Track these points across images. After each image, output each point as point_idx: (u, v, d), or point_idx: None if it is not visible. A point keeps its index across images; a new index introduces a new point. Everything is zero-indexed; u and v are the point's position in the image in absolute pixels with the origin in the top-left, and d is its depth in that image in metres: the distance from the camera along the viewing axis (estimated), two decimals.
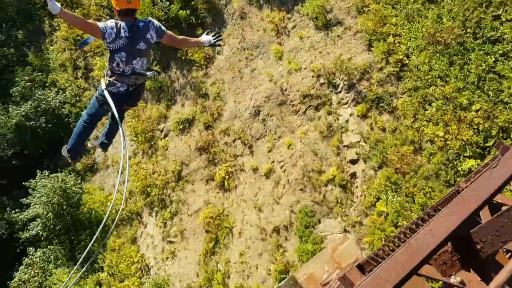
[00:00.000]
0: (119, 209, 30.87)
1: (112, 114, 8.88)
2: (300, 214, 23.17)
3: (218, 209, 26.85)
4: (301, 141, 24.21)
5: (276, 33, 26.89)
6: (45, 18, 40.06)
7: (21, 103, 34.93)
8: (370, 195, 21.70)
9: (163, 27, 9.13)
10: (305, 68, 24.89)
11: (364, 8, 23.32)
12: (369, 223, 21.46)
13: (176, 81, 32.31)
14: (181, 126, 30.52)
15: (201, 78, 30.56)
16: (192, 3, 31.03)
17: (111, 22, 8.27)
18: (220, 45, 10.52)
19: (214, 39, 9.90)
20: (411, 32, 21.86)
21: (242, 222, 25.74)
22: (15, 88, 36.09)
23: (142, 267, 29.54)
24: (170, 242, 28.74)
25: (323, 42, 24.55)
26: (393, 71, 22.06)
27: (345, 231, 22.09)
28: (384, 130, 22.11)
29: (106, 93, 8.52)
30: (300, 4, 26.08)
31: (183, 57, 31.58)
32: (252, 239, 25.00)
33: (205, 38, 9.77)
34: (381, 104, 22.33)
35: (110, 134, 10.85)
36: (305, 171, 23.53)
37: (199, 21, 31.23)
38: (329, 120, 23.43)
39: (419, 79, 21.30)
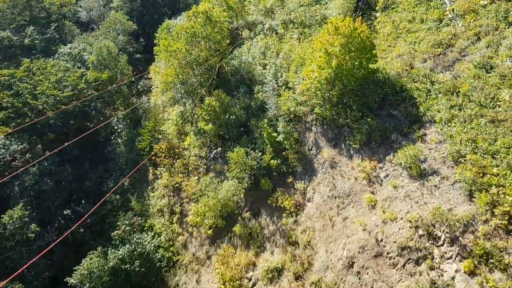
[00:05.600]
0: None
1: None
2: None
3: None
4: None
5: (368, 181, 26.75)
6: (150, 168, 44.14)
7: (119, 247, 36.73)
8: None
9: None
10: (401, 218, 23.84)
11: (460, 158, 22.73)
12: None
13: (266, 228, 32.45)
14: (270, 275, 29.63)
15: (291, 226, 30.45)
16: (283, 153, 32.61)
17: None
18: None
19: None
20: None
21: None
22: (116, 231, 38.41)
23: None
24: None
25: (419, 191, 23.78)
26: (501, 224, 20.26)
27: None
28: None
29: None
30: (391, 154, 26.21)
31: (273, 204, 32.15)
32: None
33: None
34: (491, 260, 20.11)
35: None
36: None
37: (290, 169, 32.36)
38: (432, 276, 21.38)
39: None
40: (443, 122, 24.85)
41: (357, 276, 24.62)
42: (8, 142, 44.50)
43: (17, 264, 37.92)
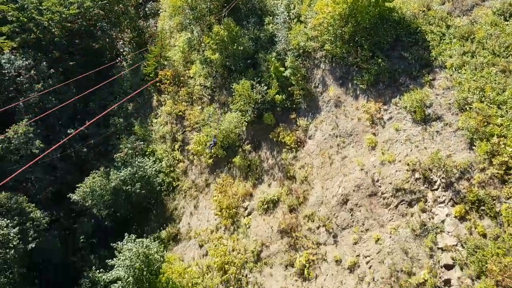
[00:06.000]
0: (196, 282, 30.86)
1: None
2: None
3: None
4: (390, 237, 22.91)
5: (371, 123, 26.78)
6: (154, 94, 44.05)
7: (121, 168, 37.59)
8: None
9: None
10: (400, 161, 24.17)
11: (466, 106, 22.59)
12: None
13: (265, 161, 32.96)
14: (265, 206, 30.58)
15: (290, 161, 30.90)
16: (289, 89, 32.33)
17: None
18: None
19: None
20: None
21: None
22: (118, 154, 39.13)
23: None
24: None
25: (421, 136, 23.89)
26: (497, 173, 20.58)
27: None
28: (484, 236, 20.24)
29: None
30: (398, 96, 26.02)
31: (274, 139, 32.41)
32: None
33: None
34: (482, 208, 20.68)
35: None
36: (393, 271, 21.96)
37: (294, 106, 32.27)
38: (423, 218, 22.06)
39: None
40: (453, 68, 24.43)
41: (350, 212, 25.41)
42: (13, 57, 44.09)
43: (21, 177, 39.08)
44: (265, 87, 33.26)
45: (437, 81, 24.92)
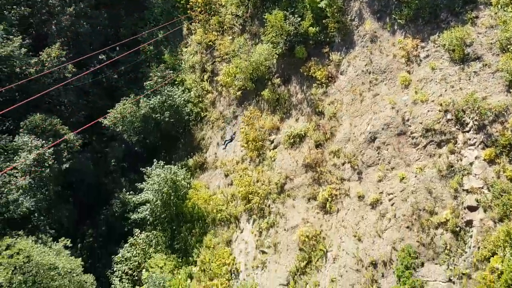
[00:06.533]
0: (220, 209, 32.04)
1: None
2: (402, 252, 21.83)
3: (316, 230, 26.44)
4: (416, 176, 22.89)
5: (407, 60, 25.88)
6: (184, 22, 43.35)
7: (151, 96, 38.02)
8: (485, 248, 19.76)
9: None
10: (433, 101, 23.56)
11: (509, 47, 21.45)
12: (479, 279, 19.47)
13: (294, 96, 32.68)
14: (291, 140, 30.72)
15: (319, 96, 30.53)
16: (324, 21, 31.18)
17: None
18: None
19: None
20: None
21: (338, 248, 25.02)
22: (148, 82, 39.38)
23: (232, 270, 30.10)
24: (263, 252, 28.94)
25: (457, 76, 23.04)
26: None
27: (450, 280, 20.33)
28: None
29: None
30: (437, 34, 24.85)
31: (305, 73, 31.85)
32: (346, 268, 24.15)
33: None
34: None
35: None
36: (415, 209, 22.16)
37: (328, 39, 31.29)
38: (451, 159, 21.84)
39: None
40: (499, 6, 23.04)
41: (377, 150, 25.34)
42: None
43: (55, 100, 40.14)
44: (299, 19, 32.16)
45: (481, 19, 23.59)
